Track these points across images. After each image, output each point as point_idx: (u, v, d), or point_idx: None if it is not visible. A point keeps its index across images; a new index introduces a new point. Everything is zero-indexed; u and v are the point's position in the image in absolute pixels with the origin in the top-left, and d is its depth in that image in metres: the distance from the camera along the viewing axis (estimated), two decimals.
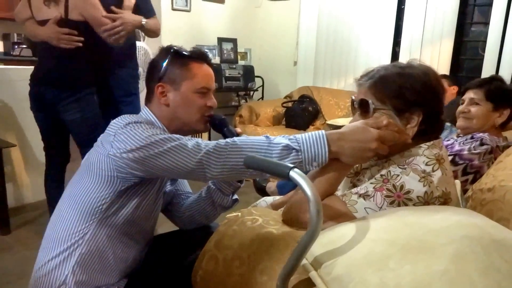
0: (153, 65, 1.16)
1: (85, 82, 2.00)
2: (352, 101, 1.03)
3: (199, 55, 1.16)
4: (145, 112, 1.16)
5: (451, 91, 2.89)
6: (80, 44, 1.91)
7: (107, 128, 1.05)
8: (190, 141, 0.94)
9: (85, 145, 2.04)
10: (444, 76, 3.00)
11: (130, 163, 0.97)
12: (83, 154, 2.07)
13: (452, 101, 2.77)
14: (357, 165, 1.05)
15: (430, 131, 0.98)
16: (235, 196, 1.30)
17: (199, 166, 0.90)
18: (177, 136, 0.97)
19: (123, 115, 1.06)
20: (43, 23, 1.95)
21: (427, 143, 0.97)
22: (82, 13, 1.90)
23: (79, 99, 1.99)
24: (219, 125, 1.20)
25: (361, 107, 0.99)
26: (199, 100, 1.13)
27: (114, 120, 1.05)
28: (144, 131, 0.98)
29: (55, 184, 2.17)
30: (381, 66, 1.01)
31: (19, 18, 2.08)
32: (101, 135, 1.07)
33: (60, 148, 2.19)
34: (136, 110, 2.20)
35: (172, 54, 1.14)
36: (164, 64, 1.13)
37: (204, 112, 1.15)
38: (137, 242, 1.15)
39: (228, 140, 0.92)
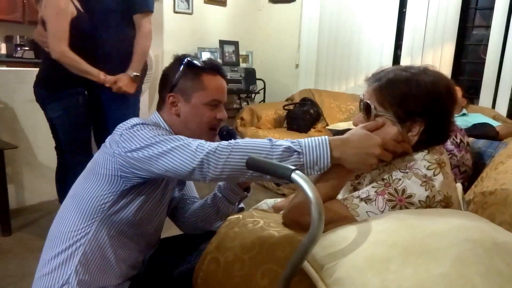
0: (166, 75, 1.16)
1: (68, 82, 2.00)
2: (360, 100, 1.02)
3: (212, 67, 1.15)
4: (155, 116, 1.17)
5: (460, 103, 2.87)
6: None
7: (115, 130, 1.06)
8: (193, 142, 0.94)
9: (66, 144, 2.11)
10: (459, 85, 2.95)
11: (134, 163, 0.98)
12: (65, 154, 2.13)
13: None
14: None
15: (432, 141, 0.97)
16: (241, 205, 1.30)
17: (201, 165, 0.90)
18: (181, 136, 0.98)
19: (132, 118, 1.07)
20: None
21: (428, 148, 0.97)
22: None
23: (61, 98, 2.03)
24: (227, 136, 1.20)
25: (365, 110, 0.99)
26: (209, 113, 1.13)
27: (122, 123, 1.07)
28: (149, 132, 1.00)
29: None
30: (392, 68, 0.99)
31: None
32: (109, 136, 1.08)
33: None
34: (127, 111, 2.13)
35: (185, 65, 1.13)
36: (177, 74, 1.13)
37: (213, 125, 1.15)
38: (138, 244, 1.15)
39: (231, 141, 0.92)
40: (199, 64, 1.13)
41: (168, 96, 1.13)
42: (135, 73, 2.06)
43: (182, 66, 1.13)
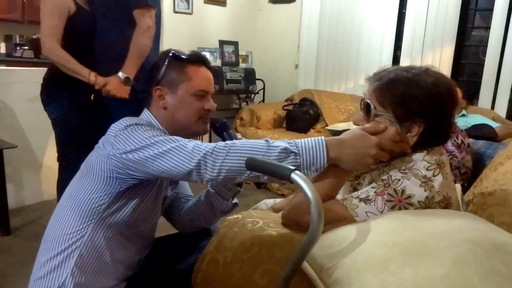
0: (153, 69, 1.17)
1: (65, 83, 1.93)
2: (361, 99, 1.02)
3: (196, 58, 1.16)
4: (146, 115, 1.16)
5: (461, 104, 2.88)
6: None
7: (108, 130, 1.05)
8: (189, 143, 0.94)
9: (59, 146, 2.06)
10: (458, 86, 2.95)
11: (129, 164, 0.97)
12: (58, 157, 2.08)
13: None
14: None
15: (431, 142, 0.96)
16: (235, 200, 1.29)
17: (197, 167, 0.90)
18: (177, 137, 0.97)
19: (125, 118, 1.06)
20: None
21: (428, 149, 0.97)
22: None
23: (58, 99, 1.98)
24: (219, 129, 1.21)
25: (365, 109, 0.99)
26: (196, 103, 1.14)
27: (115, 123, 1.06)
28: (144, 133, 0.99)
29: None
30: (394, 68, 0.99)
31: None
32: (102, 137, 1.07)
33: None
34: (124, 114, 1.98)
35: (170, 57, 1.15)
36: (163, 68, 1.14)
37: (202, 115, 1.15)
38: (134, 244, 1.14)
39: (228, 142, 0.92)
40: (183, 56, 1.15)
41: (154, 90, 1.14)
42: (125, 75, 1.86)
43: (167, 60, 1.14)
